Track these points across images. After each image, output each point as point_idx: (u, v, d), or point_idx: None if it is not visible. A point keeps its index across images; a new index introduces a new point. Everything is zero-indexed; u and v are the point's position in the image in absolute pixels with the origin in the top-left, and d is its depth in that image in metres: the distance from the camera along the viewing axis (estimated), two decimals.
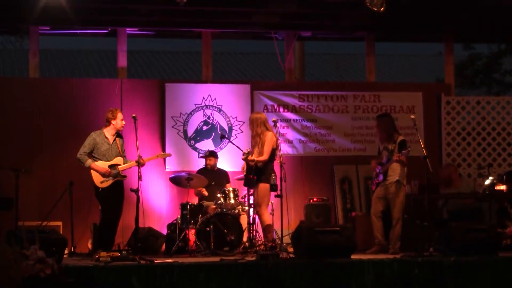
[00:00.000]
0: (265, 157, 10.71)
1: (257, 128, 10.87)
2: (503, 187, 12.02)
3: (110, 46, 16.41)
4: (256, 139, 10.88)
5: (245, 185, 11.02)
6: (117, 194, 10.81)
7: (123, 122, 10.93)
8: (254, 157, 10.75)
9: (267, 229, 10.76)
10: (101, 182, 10.69)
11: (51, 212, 11.23)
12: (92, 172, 10.67)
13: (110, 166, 10.75)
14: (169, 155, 11.98)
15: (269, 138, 10.78)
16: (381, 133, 11.20)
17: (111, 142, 10.83)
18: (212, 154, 12.35)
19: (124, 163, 10.87)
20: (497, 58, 22.67)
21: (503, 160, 13.65)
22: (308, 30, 13.83)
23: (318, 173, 13.30)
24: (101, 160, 10.73)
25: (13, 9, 12.11)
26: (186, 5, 10.66)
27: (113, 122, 10.82)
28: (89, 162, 10.65)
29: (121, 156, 10.90)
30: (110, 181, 10.73)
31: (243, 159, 10.94)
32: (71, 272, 7.73)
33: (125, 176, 10.92)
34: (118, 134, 10.95)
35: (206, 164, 12.30)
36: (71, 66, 24.77)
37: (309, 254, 8.85)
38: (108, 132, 10.84)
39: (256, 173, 10.73)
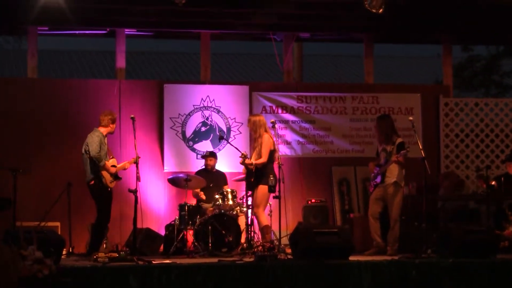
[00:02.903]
0: (263, 159, 10.77)
1: (260, 130, 10.92)
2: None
3: (109, 46, 16.41)
4: (258, 140, 10.92)
5: (247, 189, 11.03)
6: (112, 195, 10.93)
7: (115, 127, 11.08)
8: (252, 160, 10.81)
9: (265, 230, 10.78)
10: (110, 182, 10.75)
11: (49, 212, 11.22)
12: (104, 172, 10.67)
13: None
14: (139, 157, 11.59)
15: (265, 140, 10.85)
16: (380, 134, 11.20)
17: (106, 143, 10.90)
18: (212, 155, 12.37)
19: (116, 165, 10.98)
20: (495, 60, 22.67)
21: (501, 162, 13.64)
22: (306, 32, 13.84)
23: (316, 174, 13.31)
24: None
25: (12, 9, 12.10)
26: (185, 6, 10.65)
27: (111, 125, 10.87)
28: (103, 161, 10.63)
29: (113, 157, 10.98)
30: (114, 182, 10.83)
31: (241, 163, 10.97)
32: (69, 273, 7.72)
33: (121, 178, 11.01)
34: None
35: (206, 165, 12.31)
36: (70, 67, 24.77)
37: (307, 255, 8.84)
38: (104, 133, 10.86)
39: (256, 175, 10.77)
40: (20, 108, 12.48)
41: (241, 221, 11.23)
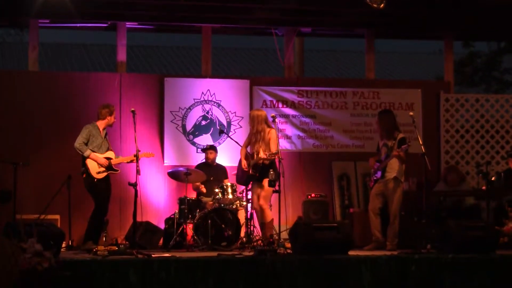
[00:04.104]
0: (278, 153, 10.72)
1: (257, 126, 10.90)
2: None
3: (110, 40, 16.40)
4: (256, 136, 10.90)
5: (244, 183, 11.01)
6: (109, 187, 10.99)
7: (115, 120, 11.16)
8: (261, 154, 10.72)
9: (270, 224, 10.76)
10: (97, 173, 10.80)
11: (49, 205, 11.23)
12: (89, 162, 10.75)
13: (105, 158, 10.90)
14: (152, 155, 11.66)
15: (274, 135, 10.85)
16: (382, 129, 11.18)
17: (103, 136, 10.97)
18: (213, 148, 12.37)
19: (114, 157, 10.99)
20: (496, 56, 22.67)
21: (501, 158, 13.65)
22: (308, 26, 13.84)
23: (316, 169, 13.31)
24: (96, 152, 10.84)
25: (13, 2, 12.10)
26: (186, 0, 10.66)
27: (108, 117, 10.98)
28: (88, 151, 10.75)
29: (111, 150, 11.00)
30: (105, 173, 10.85)
31: (262, 159, 10.75)
32: (68, 266, 7.73)
33: (117, 170, 11.02)
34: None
35: (206, 158, 12.31)
36: (71, 60, 24.76)
37: (306, 250, 8.84)
38: (101, 126, 10.96)
39: (262, 170, 10.75)
40: (21, 101, 12.48)
41: (241, 215, 11.24)
